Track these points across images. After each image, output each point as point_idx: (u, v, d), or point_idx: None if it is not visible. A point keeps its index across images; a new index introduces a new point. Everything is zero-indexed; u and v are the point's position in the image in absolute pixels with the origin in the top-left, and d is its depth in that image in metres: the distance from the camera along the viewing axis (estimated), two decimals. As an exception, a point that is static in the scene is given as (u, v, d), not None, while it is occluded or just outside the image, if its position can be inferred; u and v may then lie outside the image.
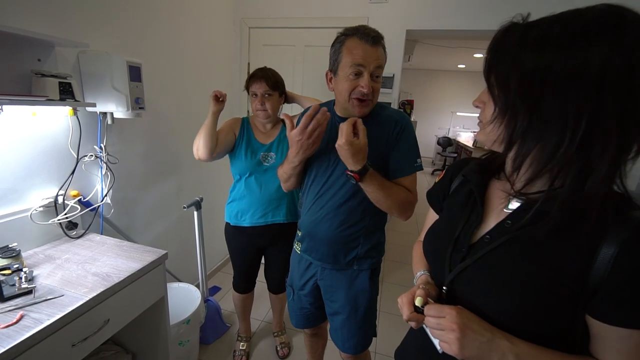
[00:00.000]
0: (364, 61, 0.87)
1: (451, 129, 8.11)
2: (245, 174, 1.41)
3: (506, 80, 0.45)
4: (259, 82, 1.34)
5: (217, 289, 2.30)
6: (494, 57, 0.47)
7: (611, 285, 0.42)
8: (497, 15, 1.80)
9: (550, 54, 0.41)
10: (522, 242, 0.48)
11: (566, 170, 0.43)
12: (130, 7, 1.47)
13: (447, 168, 0.71)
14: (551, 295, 0.45)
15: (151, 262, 1.10)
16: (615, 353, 0.45)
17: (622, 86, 0.39)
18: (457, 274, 0.54)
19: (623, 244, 0.41)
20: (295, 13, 2.20)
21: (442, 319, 0.48)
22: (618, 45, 0.38)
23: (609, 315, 0.43)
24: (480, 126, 0.54)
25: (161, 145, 1.78)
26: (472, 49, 5.21)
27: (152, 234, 1.77)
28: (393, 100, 2.14)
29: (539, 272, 0.46)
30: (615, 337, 0.44)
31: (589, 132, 0.40)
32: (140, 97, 1.30)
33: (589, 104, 0.40)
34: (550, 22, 0.43)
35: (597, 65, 0.39)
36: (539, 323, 0.47)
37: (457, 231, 0.57)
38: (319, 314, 1.20)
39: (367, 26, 0.90)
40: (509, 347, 0.46)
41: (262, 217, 1.41)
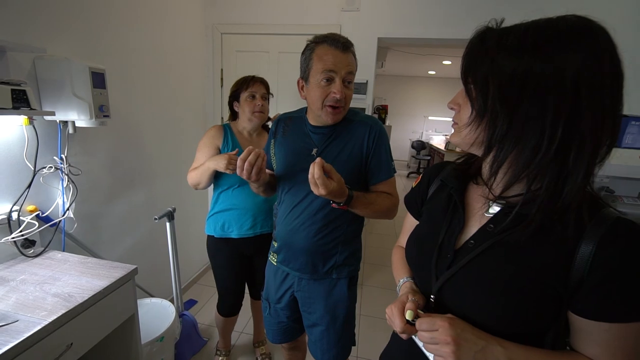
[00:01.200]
0: (335, 67, 0.87)
1: (424, 132, 8.40)
2: (235, 185, 1.37)
3: (485, 83, 0.46)
4: (258, 84, 1.36)
5: (194, 302, 2.21)
6: (472, 61, 0.48)
7: (591, 282, 0.43)
8: (464, 25, 1.91)
9: (528, 59, 0.42)
10: (505, 245, 0.49)
11: (543, 174, 0.44)
12: (92, 11, 1.40)
13: (424, 173, 0.71)
14: (536, 296, 0.46)
15: (119, 279, 1.04)
16: (595, 346, 0.46)
17: (595, 92, 0.41)
18: (444, 282, 0.54)
19: (600, 241, 0.43)
20: (268, 20, 2.20)
21: (435, 332, 0.48)
22: (590, 54, 0.41)
23: (590, 311, 0.45)
24: (455, 128, 0.54)
25: (129, 154, 1.70)
26: (441, 56, 5.45)
27: (121, 248, 1.68)
28: (367, 105, 2.19)
29: (524, 274, 0.47)
30: (596, 331, 0.45)
31: (565, 136, 0.42)
32: (104, 104, 1.24)
33: (566, 109, 0.41)
34: (525, 29, 0.44)
35: (572, 71, 0.41)
36: (526, 323, 0.48)
37: (441, 237, 0.57)
38: (296, 327, 1.17)
39: (336, 33, 0.91)
40: (502, 352, 0.46)
41: (251, 229, 1.38)
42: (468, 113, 0.49)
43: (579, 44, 0.41)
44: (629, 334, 0.44)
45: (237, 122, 1.43)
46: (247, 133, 1.41)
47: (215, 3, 2.24)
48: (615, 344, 0.45)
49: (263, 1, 2.18)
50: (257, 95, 1.34)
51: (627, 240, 0.43)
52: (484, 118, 0.47)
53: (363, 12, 2.07)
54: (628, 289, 0.42)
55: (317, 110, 0.93)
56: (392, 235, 3.65)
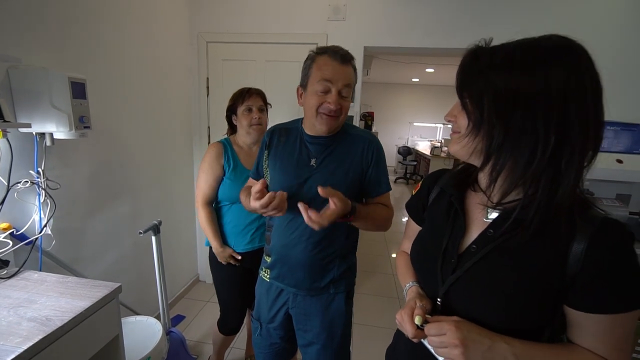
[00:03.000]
0: (332, 78, 0.88)
1: (410, 138, 8.55)
2: (235, 201, 1.35)
3: (480, 98, 0.49)
4: (254, 97, 1.34)
5: (181, 317, 2.13)
6: (466, 78, 0.52)
7: (584, 277, 0.47)
8: (446, 35, 1.96)
9: (518, 75, 0.47)
10: (505, 249, 0.53)
11: (538, 180, 0.48)
12: (71, 19, 1.36)
13: (423, 180, 0.75)
14: (537, 294, 0.50)
15: (102, 298, 0.98)
16: (589, 337, 0.50)
17: (580, 104, 0.45)
18: (450, 286, 0.57)
19: (591, 239, 0.47)
20: (254, 29, 2.19)
21: (443, 336, 0.50)
22: (573, 70, 0.45)
23: (584, 304, 0.49)
24: (453, 137, 0.57)
25: (112, 167, 1.63)
26: (424, 64, 5.61)
27: (103, 265, 1.60)
28: (355, 113, 2.20)
29: (524, 275, 0.51)
30: (590, 322, 0.49)
31: (557, 144, 0.46)
32: (85, 115, 1.19)
33: (555, 120, 0.45)
34: (513, 47, 0.49)
35: (558, 86, 0.45)
36: (528, 320, 0.51)
37: (444, 243, 0.60)
38: (289, 348, 1.13)
39: (338, 46, 0.93)
40: (508, 349, 0.49)
41: (250, 244, 1.37)
42: (464, 123, 0.53)
43: (563, 61, 0.46)
44: (618, 324, 0.48)
45: (237, 135, 1.41)
46: (247, 147, 1.40)
47: (200, 12, 2.23)
48: (607, 333, 0.49)
49: (249, 10, 2.18)
50: (253, 108, 1.33)
51: (615, 238, 0.47)
52: (480, 130, 0.50)
53: (349, 22, 2.10)
54: (616, 283, 0.47)
55: (312, 117, 0.93)
56: (381, 241, 3.66)
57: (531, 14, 1.92)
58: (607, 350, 0.49)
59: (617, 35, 1.85)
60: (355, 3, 2.07)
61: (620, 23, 1.84)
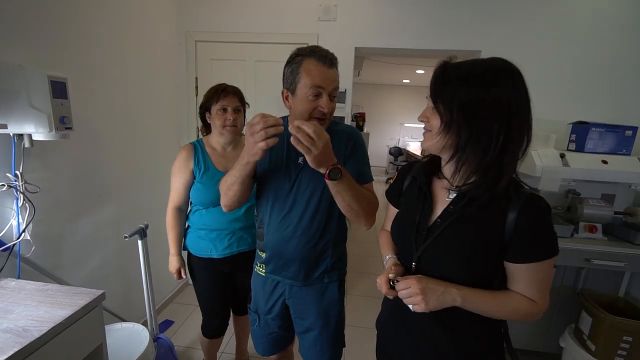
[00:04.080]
0: (323, 83, 0.89)
1: (401, 139, 8.61)
2: (209, 206, 1.30)
3: (450, 104, 0.63)
4: (231, 96, 1.27)
5: (170, 323, 2.09)
6: (439, 87, 0.66)
7: (516, 237, 0.63)
8: (435, 37, 1.97)
9: (477, 88, 0.62)
10: (462, 219, 0.68)
11: (489, 169, 0.64)
12: (51, 16, 1.31)
13: (398, 171, 0.90)
14: (486, 253, 0.66)
15: (84, 306, 0.94)
16: (520, 283, 0.67)
17: (520, 112, 0.62)
18: (422, 252, 0.72)
19: (520, 209, 0.63)
20: (243, 28, 2.17)
21: (409, 288, 0.66)
22: (514, 86, 0.62)
23: (516, 257, 0.65)
24: (426, 135, 0.71)
25: (96, 169, 1.58)
26: (415, 66, 5.64)
27: (87, 270, 1.55)
28: (346, 114, 2.20)
29: (476, 238, 0.67)
30: (521, 271, 0.66)
31: (505, 142, 0.62)
32: (66, 115, 1.15)
33: (505, 124, 0.61)
34: (471, 65, 0.64)
35: (506, 98, 0.61)
36: (480, 274, 0.68)
37: (417, 219, 0.75)
38: (287, 336, 1.17)
39: (322, 47, 0.92)
40: (457, 292, 0.65)
41: (228, 248, 1.32)
42: (437, 124, 0.66)
43: (507, 80, 0.62)
44: (540, 270, 0.65)
45: (211, 136, 1.35)
46: (220, 148, 1.34)
47: (188, 10, 2.18)
48: (532, 279, 0.66)
49: (238, 9, 2.15)
50: (228, 108, 1.26)
51: (536, 208, 0.63)
52: (450, 129, 0.64)
53: (340, 23, 2.09)
54: (538, 239, 0.64)
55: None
56: (374, 242, 3.67)
57: (520, 17, 1.94)
58: (532, 292, 0.66)
59: (600, 44, 1.90)
60: (346, 4, 2.07)
61: (602, 31, 1.89)
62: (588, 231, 1.61)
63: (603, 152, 1.63)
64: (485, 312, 0.68)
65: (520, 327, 1.84)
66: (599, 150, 1.63)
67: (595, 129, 1.63)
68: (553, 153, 1.54)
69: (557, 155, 1.53)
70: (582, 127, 1.66)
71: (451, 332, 0.72)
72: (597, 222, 1.61)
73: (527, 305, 0.66)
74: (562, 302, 1.81)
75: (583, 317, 1.59)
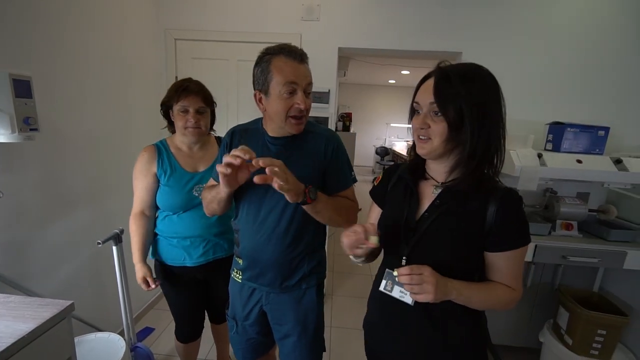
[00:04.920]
0: (297, 78, 0.87)
1: (387, 139, 8.69)
2: (178, 211, 1.22)
3: (460, 107, 0.65)
4: (193, 96, 1.16)
5: (150, 330, 2.02)
6: (445, 90, 0.66)
7: (495, 228, 0.68)
8: (420, 37, 1.98)
9: (482, 88, 0.66)
10: (448, 212, 0.72)
11: (473, 163, 0.68)
12: (13, 10, 1.23)
13: (384, 172, 0.92)
14: (469, 243, 0.70)
15: (50, 319, 0.88)
16: (498, 272, 0.72)
17: (501, 116, 0.68)
18: (412, 246, 0.74)
19: (499, 203, 0.68)
20: (225, 27, 2.12)
21: (421, 275, 0.65)
22: (500, 91, 0.68)
23: (494, 247, 0.70)
24: (425, 142, 0.71)
25: (66, 172, 1.51)
26: (400, 67, 5.71)
27: (57, 279, 1.48)
28: (330, 114, 2.19)
29: (461, 230, 0.70)
30: (497, 260, 0.71)
31: (494, 143, 0.68)
32: (31, 116, 1.09)
33: (501, 126, 0.67)
34: (464, 67, 0.68)
35: (497, 102, 0.67)
36: (464, 263, 0.72)
37: (405, 214, 0.77)
38: (266, 342, 1.14)
39: (290, 44, 0.90)
40: (454, 286, 0.68)
41: (203, 256, 1.25)
42: (440, 129, 0.67)
43: (496, 86, 0.68)
44: (514, 257, 0.71)
45: (175, 135, 1.27)
46: (186, 147, 1.25)
47: (167, 8, 2.12)
48: (508, 266, 0.71)
49: (220, 8, 2.10)
50: (190, 109, 1.16)
51: (512, 201, 0.69)
52: (460, 132, 0.66)
53: (323, 23, 2.08)
54: (513, 229, 0.69)
55: (280, 122, 0.91)
56: (360, 241, 3.67)
57: (500, 21, 1.98)
58: (509, 279, 0.72)
59: (575, 47, 1.96)
60: (329, 4, 2.05)
61: (577, 35, 1.95)
62: (564, 229, 1.65)
63: (578, 151, 1.67)
64: (475, 304, 0.71)
65: (501, 323, 1.88)
66: (574, 150, 1.68)
67: (570, 130, 1.68)
68: (531, 153, 1.57)
69: (535, 155, 1.57)
70: (558, 128, 1.71)
71: (440, 328, 0.74)
72: (572, 219, 1.66)
73: (508, 293, 0.72)
74: (541, 298, 1.86)
75: (561, 312, 1.63)
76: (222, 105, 2.22)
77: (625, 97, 1.97)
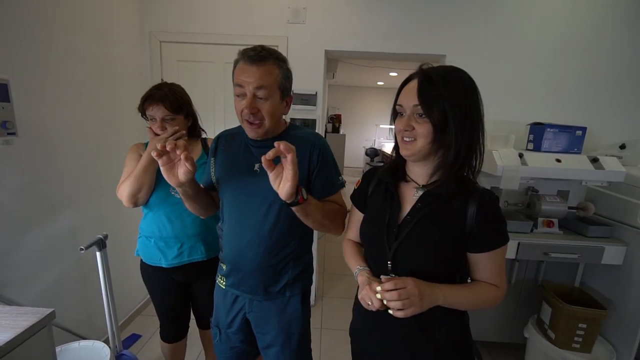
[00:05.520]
0: (242, 82, 0.84)
1: (376, 140, 8.77)
2: (153, 209, 1.23)
3: (443, 108, 0.66)
4: (156, 105, 1.12)
5: (137, 337, 1.98)
6: (428, 92, 0.66)
7: (476, 229, 0.69)
8: (405, 40, 2.01)
9: (462, 91, 0.67)
10: (430, 215, 0.72)
11: (459, 170, 0.70)
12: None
13: (363, 176, 0.91)
14: (451, 244, 0.71)
15: (28, 328, 0.86)
16: (482, 271, 0.74)
17: (480, 118, 0.70)
18: (395, 250, 0.73)
19: (478, 204, 0.69)
20: (211, 29, 2.11)
21: (405, 289, 0.64)
22: (478, 94, 0.69)
23: (476, 247, 0.71)
24: (410, 143, 0.72)
25: (48, 177, 1.47)
26: (388, 69, 5.77)
27: (38, 287, 1.44)
28: (318, 117, 2.20)
29: (442, 231, 0.71)
30: (481, 260, 0.73)
31: (475, 145, 0.70)
32: (9, 120, 1.06)
33: (480, 129, 0.69)
34: (445, 69, 0.69)
35: (477, 105, 0.68)
36: (447, 264, 0.72)
37: (387, 218, 0.76)
38: (251, 350, 1.11)
39: (255, 46, 0.87)
40: (440, 291, 0.68)
41: (177, 257, 1.24)
42: (424, 131, 0.68)
43: (475, 89, 0.69)
44: (496, 256, 0.72)
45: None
46: None
47: (152, 9, 2.10)
48: (492, 265, 0.73)
49: (205, 10, 2.09)
50: (156, 118, 1.14)
51: (490, 202, 0.70)
52: (444, 133, 0.67)
53: (309, 25, 2.09)
54: (492, 230, 0.71)
55: (241, 123, 0.92)
56: (351, 242, 3.69)
57: (482, 24, 2.03)
58: (493, 277, 0.73)
59: (554, 53, 2.02)
60: (315, 7, 2.07)
61: (554, 38, 2.02)
62: (546, 226, 1.70)
63: (557, 151, 1.73)
64: (462, 306, 0.72)
65: (487, 320, 1.92)
66: (553, 149, 1.73)
67: (550, 130, 1.73)
68: (512, 153, 1.62)
69: (516, 155, 1.61)
70: (538, 128, 1.76)
71: (427, 332, 0.74)
72: (553, 217, 1.71)
73: (493, 291, 0.73)
74: (525, 295, 1.91)
75: (544, 307, 1.68)
76: (209, 108, 2.22)
77: (601, 99, 2.05)
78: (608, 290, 1.68)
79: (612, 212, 1.72)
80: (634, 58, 2.01)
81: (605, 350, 1.58)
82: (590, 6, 1.99)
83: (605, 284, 1.70)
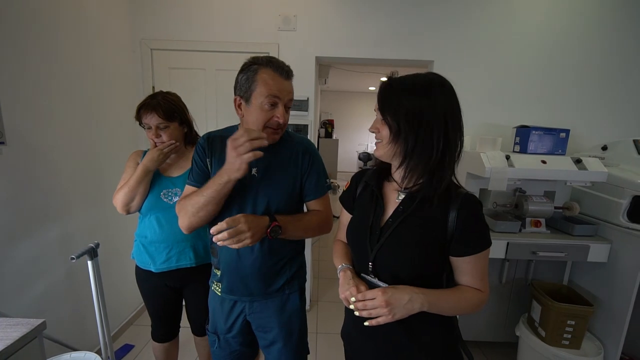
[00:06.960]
0: (280, 93, 0.90)
1: (369, 144, 8.85)
2: (146, 213, 1.24)
3: (396, 114, 0.69)
4: (150, 113, 1.17)
5: (129, 347, 1.95)
6: (385, 100, 0.72)
7: (457, 233, 0.70)
8: (395, 46, 2.05)
9: (419, 99, 0.68)
10: (411, 218, 0.73)
11: (433, 172, 0.70)
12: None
13: (352, 178, 0.93)
14: (433, 247, 0.71)
15: (18, 339, 0.85)
16: (465, 275, 0.74)
17: (454, 120, 0.69)
18: (377, 251, 0.75)
19: (459, 208, 0.70)
20: (202, 37, 2.13)
21: (372, 300, 0.66)
22: (447, 97, 0.69)
23: (458, 252, 0.72)
24: (378, 145, 0.76)
25: (37, 187, 1.46)
26: (379, 74, 5.85)
27: (28, 298, 1.41)
28: (310, 122, 2.22)
29: (424, 234, 0.72)
30: (463, 264, 0.73)
31: (444, 148, 0.69)
32: (-2, 130, 1.05)
33: (442, 132, 0.68)
34: (413, 77, 0.71)
35: (442, 108, 0.68)
36: (429, 268, 0.73)
37: (370, 221, 0.78)
38: (249, 352, 1.13)
39: (279, 60, 0.93)
40: (423, 298, 0.68)
41: (165, 263, 1.25)
42: (386, 134, 0.72)
43: (442, 92, 0.69)
44: (479, 260, 0.72)
45: None
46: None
47: (143, 17, 2.11)
48: (474, 269, 0.73)
49: (196, 18, 2.11)
50: (151, 126, 1.19)
51: (472, 206, 0.71)
52: (399, 138, 0.70)
53: (299, 33, 2.12)
54: (473, 235, 0.71)
55: (262, 131, 0.93)
56: (345, 246, 3.69)
57: (469, 31, 2.10)
58: (476, 282, 0.74)
59: (538, 59, 2.10)
60: (306, 14, 2.11)
61: (540, 42, 2.09)
62: (533, 226, 1.74)
63: (542, 152, 1.78)
64: (446, 311, 0.72)
65: (480, 320, 1.95)
66: (539, 151, 1.78)
67: (535, 132, 1.79)
68: (500, 155, 1.66)
69: (503, 157, 1.66)
70: (524, 131, 1.82)
71: (413, 335, 0.75)
72: (540, 217, 1.75)
73: (477, 295, 0.73)
74: (516, 294, 1.94)
75: (534, 306, 1.71)
76: (201, 113, 2.22)
77: (583, 102, 2.13)
78: (594, 287, 1.73)
79: (596, 211, 1.77)
80: (613, 63, 2.09)
81: (593, 346, 1.62)
82: (571, 13, 2.07)
83: (592, 281, 1.75)
